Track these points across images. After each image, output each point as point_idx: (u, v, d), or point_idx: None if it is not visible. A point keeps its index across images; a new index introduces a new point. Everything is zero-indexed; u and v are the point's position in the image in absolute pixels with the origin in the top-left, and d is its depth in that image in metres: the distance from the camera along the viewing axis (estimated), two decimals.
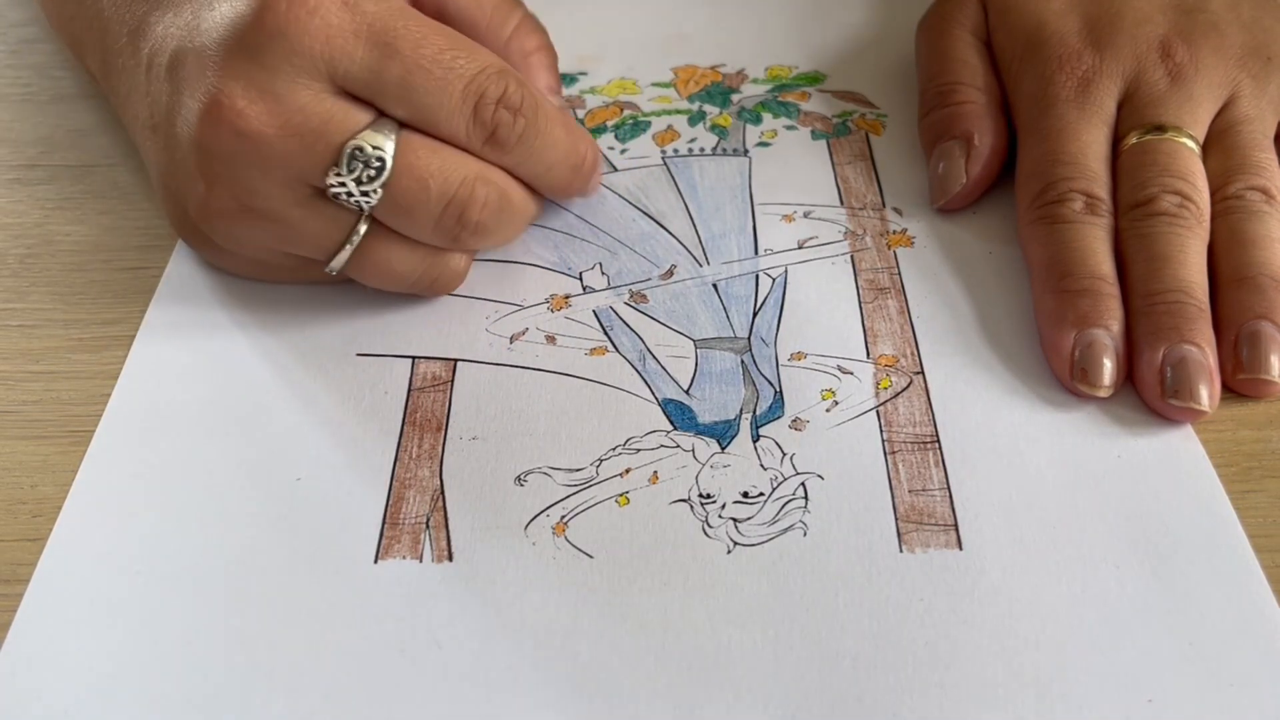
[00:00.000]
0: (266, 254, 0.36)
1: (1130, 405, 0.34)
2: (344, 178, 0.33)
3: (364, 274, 0.36)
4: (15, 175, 0.44)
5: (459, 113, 0.33)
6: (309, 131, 0.32)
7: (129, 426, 0.34)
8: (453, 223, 0.34)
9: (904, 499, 0.32)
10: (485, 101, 0.33)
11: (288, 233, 0.34)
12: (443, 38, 0.33)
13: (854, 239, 0.39)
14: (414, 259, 0.35)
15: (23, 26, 0.52)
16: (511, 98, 0.34)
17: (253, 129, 0.32)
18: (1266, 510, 0.31)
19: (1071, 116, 0.38)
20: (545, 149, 0.35)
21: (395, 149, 0.33)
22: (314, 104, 0.32)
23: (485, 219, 0.34)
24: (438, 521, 0.32)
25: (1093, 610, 0.29)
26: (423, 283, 0.36)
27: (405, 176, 0.33)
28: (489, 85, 0.33)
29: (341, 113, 0.33)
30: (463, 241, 0.35)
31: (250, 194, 0.33)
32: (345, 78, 0.32)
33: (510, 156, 0.35)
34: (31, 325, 0.38)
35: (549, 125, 0.35)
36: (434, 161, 0.33)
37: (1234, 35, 0.39)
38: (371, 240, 0.35)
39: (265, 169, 0.33)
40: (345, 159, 0.32)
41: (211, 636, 0.29)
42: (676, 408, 0.34)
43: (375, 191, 0.33)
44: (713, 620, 0.29)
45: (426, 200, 0.33)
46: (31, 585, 0.30)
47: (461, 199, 0.34)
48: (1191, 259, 0.35)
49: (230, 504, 0.32)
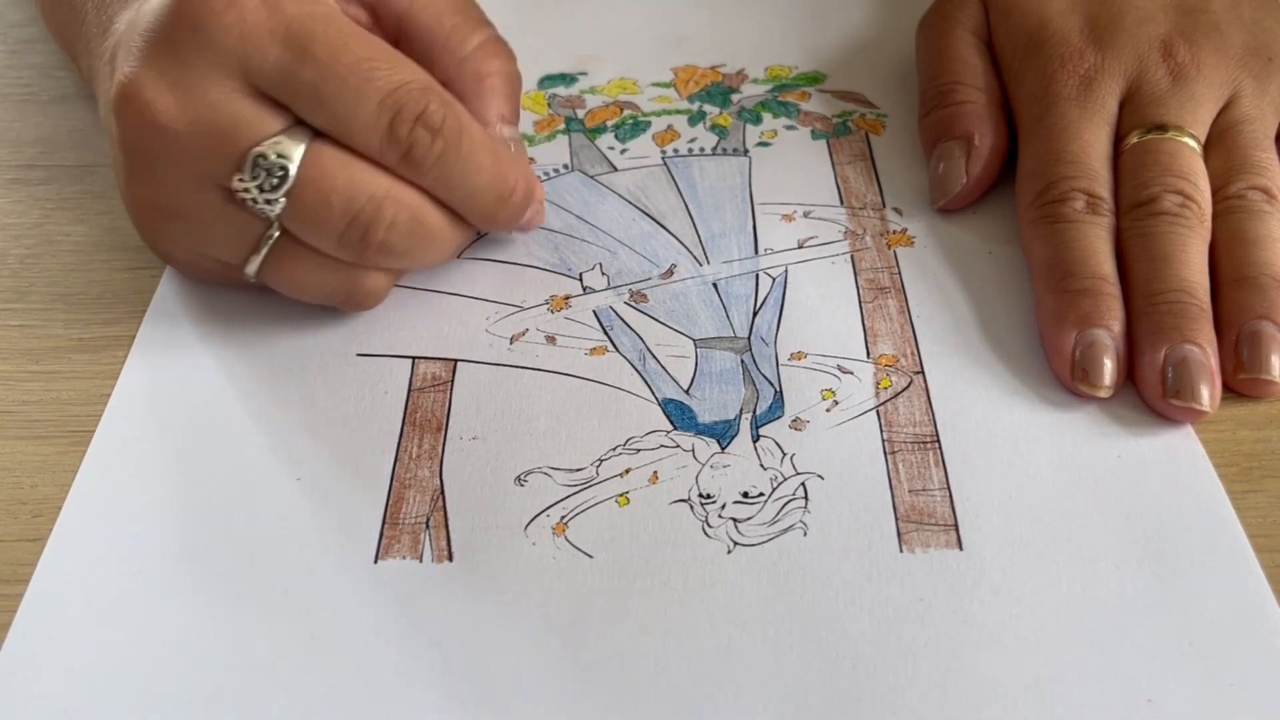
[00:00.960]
0: (191, 255, 0.35)
1: (1131, 405, 0.34)
2: (247, 183, 0.32)
3: (278, 283, 0.35)
4: (15, 175, 0.44)
5: (373, 126, 0.32)
6: (216, 131, 0.32)
7: (129, 426, 0.34)
8: (356, 240, 0.33)
9: (904, 499, 0.32)
10: (402, 117, 0.32)
11: (202, 233, 0.34)
12: (365, 46, 0.32)
13: (854, 239, 0.39)
14: (325, 272, 0.34)
15: (23, 26, 0.52)
16: (431, 116, 0.32)
17: (159, 122, 0.32)
18: (1266, 510, 0.31)
19: (1073, 115, 0.38)
20: (466, 175, 0.34)
21: (302, 159, 0.32)
22: (225, 103, 0.32)
23: (392, 240, 0.33)
24: (438, 521, 0.32)
25: (1093, 610, 0.29)
26: (336, 298, 0.35)
27: (308, 188, 0.32)
28: (407, 100, 0.32)
29: (253, 115, 0.32)
30: (369, 260, 0.34)
31: (163, 190, 0.33)
32: (259, 77, 0.32)
33: (427, 178, 0.33)
34: (31, 325, 0.38)
35: (473, 150, 0.34)
36: (340, 175, 0.32)
37: (1235, 35, 0.39)
38: (283, 249, 0.34)
39: (174, 165, 0.32)
40: (249, 164, 0.32)
41: (211, 636, 0.29)
42: (676, 408, 0.34)
43: (278, 200, 0.32)
44: (713, 620, 0.29)
45: (329, 215, 0.32)
46: (31, 585, 0.30)
47: (366, 217, 0.33)
48: (1193, 259, 0.35)
49: (230, 504, 0.32)
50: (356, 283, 0.35)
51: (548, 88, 0.47)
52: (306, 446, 0.33)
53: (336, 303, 0.36)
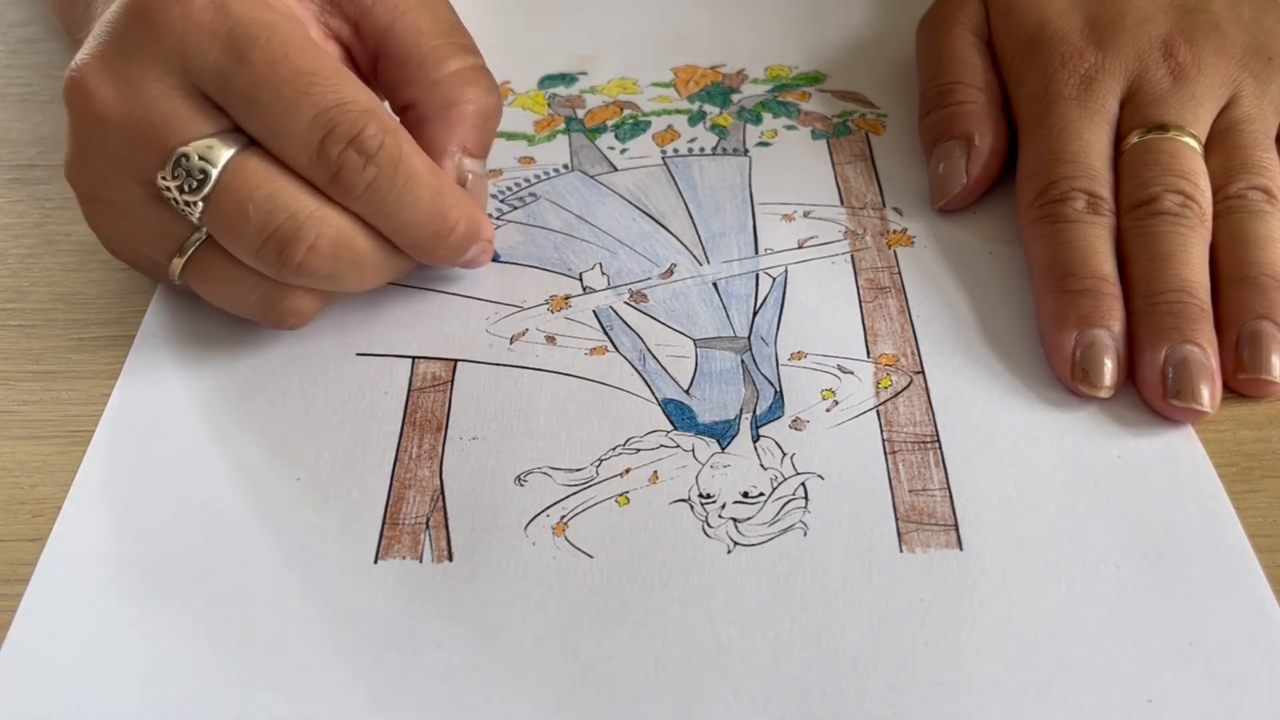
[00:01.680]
0: (128, 252, 0.35)
1: (1131, 405, 0.34)
2: (169, 182, 0.32)
3: (201, 287, 0.34)
4: (15, 175, 0.44)
5: (303, 141, 0.31)
6: (147, 126, 0.31)
7: (129, 426, 0.34)
8: (273, 256, 0.32)
9: (904, 499, 0.32)
10: (333, 137, 0.31)
11: (131, 228, 0.34)
12: (308, 60, 0.31)
13: (854, 238, 0.39)
14: (248, 284, 0.33)
15: (23, 26, 0.52)
16: (367, 141, 0.31)
17: (95, 110, 0.32)
18: (1266, 510, 0.31)
19: (1074, 115, 0.38)
20: (400, 206, 0.32)
21: (225, 165, 0.31)
22: (160, 99, 0.31)
23: (312, 261, 0.32)
24: (438, 521, 0.32)
25: (1093, 610, 0.29)
26: (257, 312, 0.34)
27: (226, 195, 0.31)
28: (342, 120, 0.31)
29: (185, 115, 0.32)
30: (288, 279, 0.33)
31: (98, 179, 0.33)
32: (198, 77, 0.31)
33: (359, 204, 0.32)
34: (31, 325, 0.38)
35: (410, 181, 0.32)
36: (263, 188, 0.31)
37: (1235, 35, 0.39)
38: (206, 255, 0.33)
39: (107, 155, 0.32)
40: (172, 163, 0.31)
41: (211, 636, 0.29)
42: (676, 407, 0.34)
43: (197, 204, 0.32)
44: (713, 620, 0.29)
45: (245, 226, 0.31)
46: (31, 585, 0.30)
47: (284, 234, 0.31)
48: (1193, 259, 0.35)
49: (230, 504, 0.32)
50: (278, 300, 0.34)
51: (548, 88, 0.47)
52: (306, 446, 0.33)
53: (258, 317, 0.35)
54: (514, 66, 0.48)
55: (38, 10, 0.53)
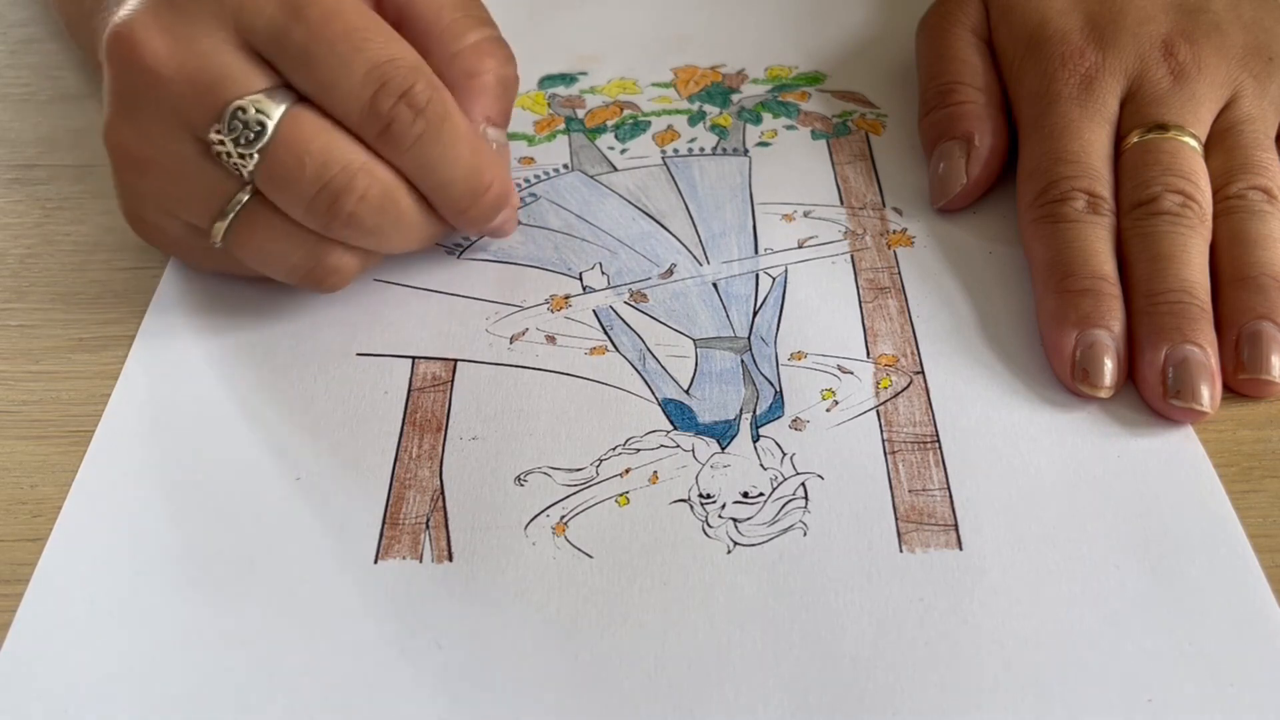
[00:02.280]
0: (163, 219, 0.35)
1: (1131, 405, 0.34)
2: (224, 136, 0.32)
3: (243, 249, 0.35)
4: (15, 175, 0.44)
5: (355, 96, 0.32)
6: (201, 81, 0.32)
7: (129, 426, 0.34)
8: (324, 208, 0.33)
9: (904, 499, 0.32)
10: (386, 91, 0.32)
11: (174, 188, 0.34)
12: (360, 17, 0.32)
13: (854, 238, 0.39)
14: (292, 242, 0.34)
15: (23, 26, 0.52)
16: (417, 96, 0.32)
17: (147, 64, 0.32)
18: (1266, 510, 0.31)
19: (1074, 114, 0.38)
20: (444, 162, 0.34)
21: (281, 117, 0.32)
22: (214, 54, 0.32)
23: (361, 212, 0.33)
24: (438, 521, 0.32)
25: (1093, 610, 0.29)
26: (300, 271, 0.35)
27: (282, 147, 0.32)
28: (394, 75, 0.32)
29: (240, 70, 0.32)
30: (336, 232, 0.33)
31: (142, 136, 0.33)
32: (251, 33, 0.32)
33: (405, 158, 0.33)
34: (31, 325, 0.38)
35: (454, 138, 0.33)
36: (318, 140, 0.32)
37: (1236, 35, 0.39)
38: (251, 214, 0.34)
39: (155, 110, 0.32)
40: (228, 117, 0.32)
41: (212, 636, 0.29)
42: (676, 407, 0.34)
43: (251, 156, 0.32)
44: (713, 620, 0.29)
45: (301, 177, 0.32)
46: (31, 585, 0.30)
47: (338, 185, 0.32)
48: (1194, 259, 0.35)
49: (230, 504, 0.32)
50: (322, 257, 0.34)
51: (548, 88, 0.47)
52: (306, 446, 0.33)
53: (299, 278, 0.35)
54: None
55: (37, 10, 0.53)
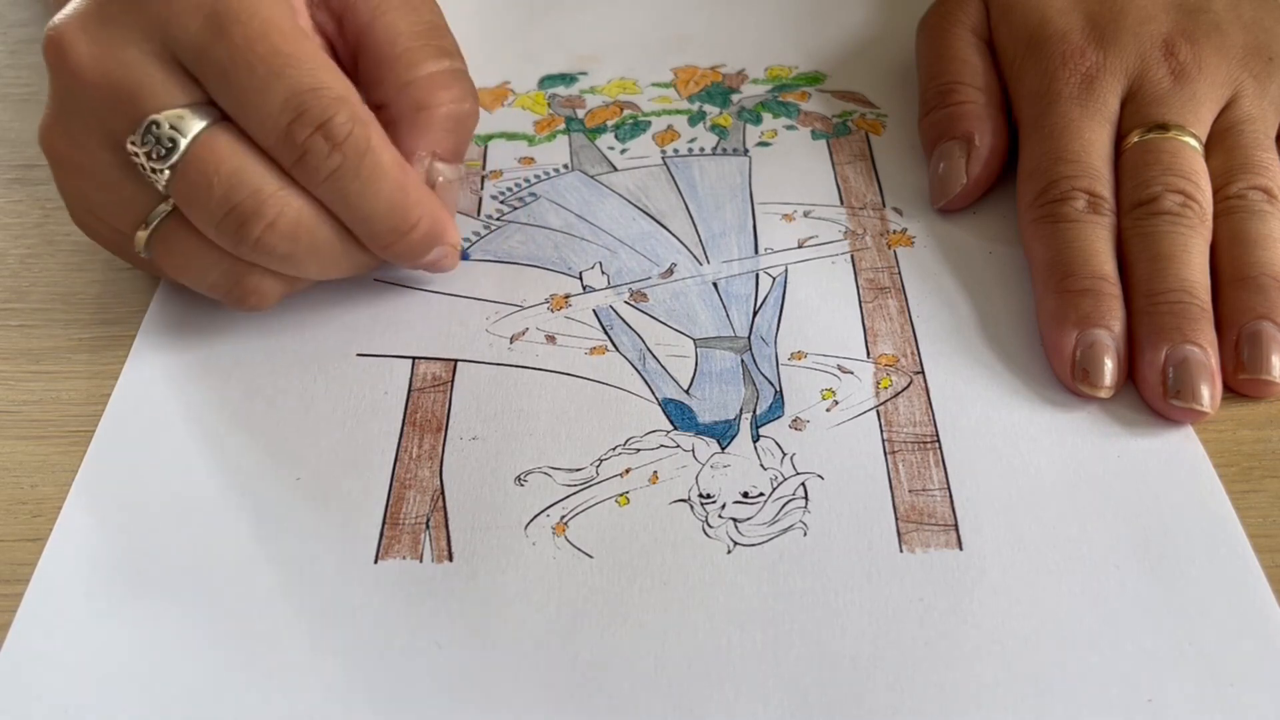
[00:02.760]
0: (96, 224, 0.35)
1: (1131, 405, 0.34)
2: (138, 148, 0.32)
3: (164, 260, 0.34)
4: (15, 175, 0.44)
5: (272, 122, 0.31)
6: (122, 89, 0.32)
7: (129, 426, 0.34)
8: (233, 231, 0.32)
9: (904, 499, 0.32)
10: (302, 121, 0.31)
11: (100, 195, 0.34)
12: (288, 42, 0.32)
13: (854, 238, 0.39)
14: (210, 259, 0.34)
15: (23, 27, 0.52)
16: (335, 129, 0.31)
17: (71, 68, 0.32)
18: (1266, 510, 0.31)
19: (1074, 114, 0.38)
20: (362, 197, 0.33)
21: (195, 137, 0.32)
22: (137, 64, 0.32)
23: (269, 239, 0.32)
24: (438, 521, 0.32)
25: (1093, 610, 0.29)
26: (219, 290, 0.34)
27: (192, 166, 0.32)
28: (313, 105, 0.31)
29: (161, 83, 0.32)
30: (248, 256, 0.33)
31: (70, 140, 0.33)
32: (176, 46, 0.32)
33: (320, 190, 0.32)
34: (31, 325, 0.38)
35: (374, 174, 0.32)
36: (230, 162, 0.32)
37: (1236, 35, 0.39)
38: (172, 227, 0.33)
39: (80, 115, 0.32)
40: (143, 130, 0.32)
41: (212, 636, 0.29)
42: (676, 407, 0.34)
43: (163, 171, 0.32)
44: (713, 620, 0.29)
45: (209, 198, 0.32)
46: (31, 585, 0.30)
47: (245, 210, 0.32)
48: (1194, 259, 0.35)
49: (230, 504, 0.32)
50: (239, 278, 0.34)
51: (548, 88, 0.47)
52: (306, 446, 0.33)
53: (219, 295, 0.35)
54: (514, 66, 0.48)
55: (37, 10, 0.53)
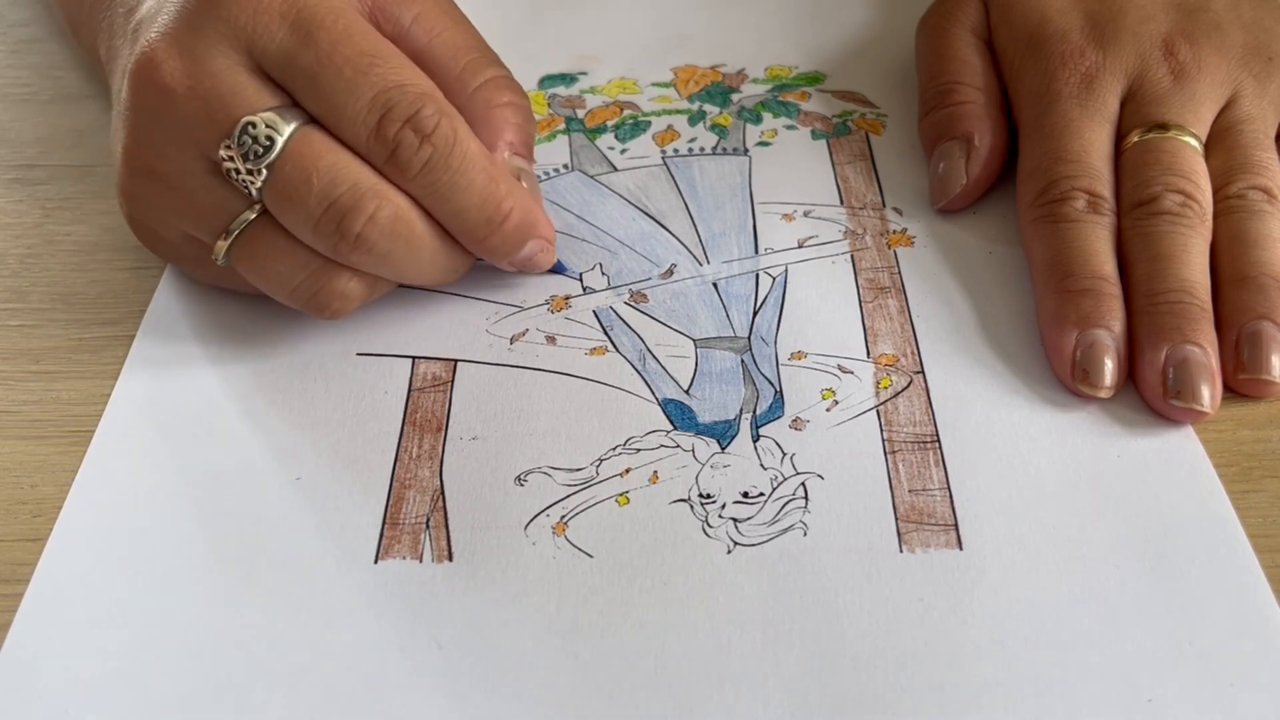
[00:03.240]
0: (167, 230, 0.35)
1: (1131, 405, 0.34)
2: (233, 152, 0.32)
3: (247, 266, 0.34)
4: (15, 175, 0.44)
5: (362, 120, 0.32)
6: (214, 98, 0.32)
7: (129, 426, 0.34)
8: (331, 228, 0.32)
9: (904, 499, 0.32)
10: (391, 116, 0.32)
11: (182, 203, 0.34)
12: (370, 43, 0.33)
13: (854, 238, 0.39)
14: (296, 262, 0.34)
15: (23, 26, 0.52)
16: (424, 121, 0.32)
17: (164, 83, 0.32)
18: (1266, 510, 0.31)
19: (1074, 114, 0.38)
20: (454, 189, 0.33)
21: (291, 135, 0.32)
22: (227, 73, 0.32)
23: (370, 235, 0.32)
24: (438, 521, 0.32)
25: (1093, 610, 0.29)
26: (303, 293, 0.34)
27: (291, 164, 0.32)
28: (400, 100, 0.32)
29: (251, 89, 0.33)
30: (344, 254, 0.33)
31: (156, 153, 0.33)
32: (263, 56, 0.33)
33: (414, 184, 0.33)
34: (31, 325, 0.38)
35: (465, 165, 0.33)
36: (327, 158, 0.32)
37: (1236, 35, 0.39)
38: (258, 230, 0.34)
39: (171, 127, 0.33)
40: (237, 133, 0.32)
41: (211, 636, 0.29)
42: (676, 407, 0.34)
43: (260, 172, 0.32)
44: (713, 620, 0.29)
45: (308, 194, 0.32)
46: (31, 585, 0.30)
47: (344, 205, 0.32)
48: (1194, 258, 0.35)
49: (230, 504, 0.32)
50: (327, 280, 0.34)
51: (548, 88, 0.47)
52: (306, 446, 0.33)
53: (302, 301, 0.35)
54: (514, 66, 0.47)
55: (37, 10, 0.53)
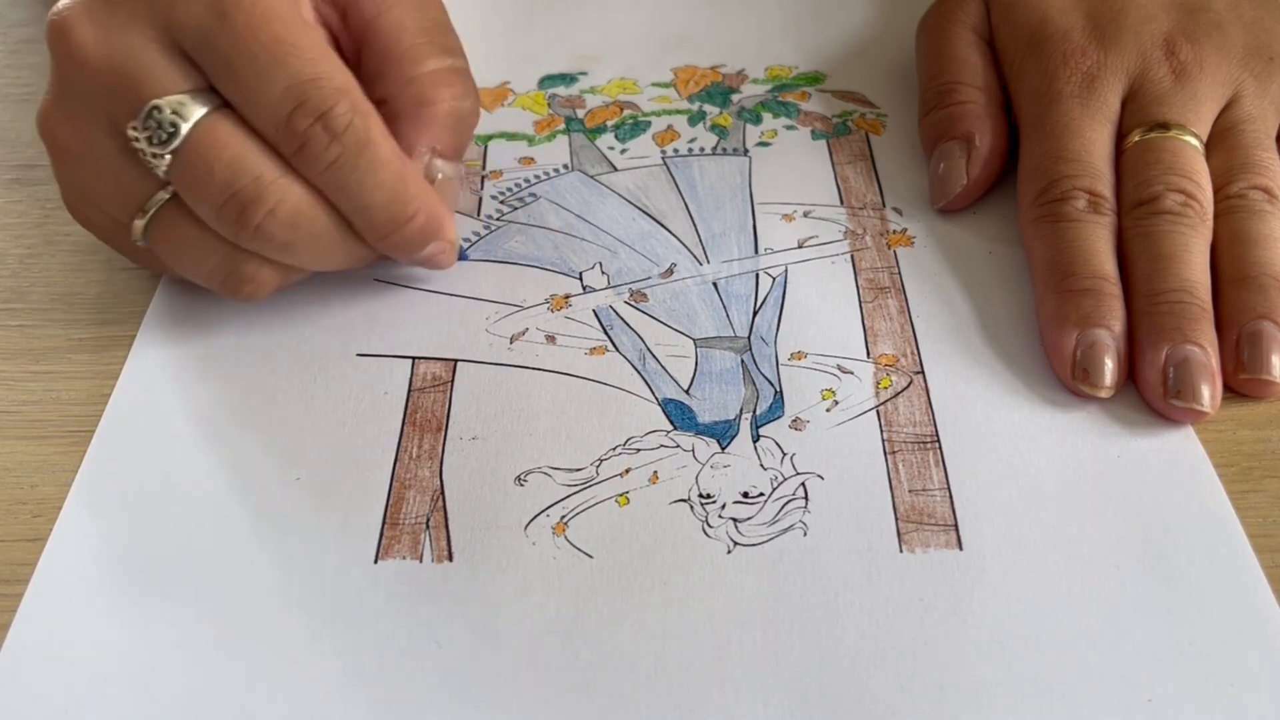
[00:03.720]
0: (91, 211, 0.35)
1: (1131, 405, 0.34)
2: (138, 133, 0.32)
3: (162, 249, 0.34)
4: (15, 175, 0.44)
5: (273, 111, 0.32)
6: (124, 74, 0.32)
7: (129, 426, 0.34)
8: (233, 217, 0.32)
9: (904, 499, 0.32)
10: (303, 111, 0.32)
11: (98, 181, 0.34)
12: (290, 31, 0.32)
13: (854, 238, 0.39)
14: (207, 247, 0.34)
15: (23, 26, 0.52)
16: (335, 119, 0.32)
17: (75, 53, 0.32)
18: (1266, 510, 0.31)
19: (1075, 113, 0.38)
20: (361, 188, 0.33)
21: (197, 122, 0.32)
22: (140, 49, 0.32)
23: (270, 226, 0.32)
24: (438, 521, 0.32)
25: (1093, 610, 0.29)
26: (216, 277, 0.34)
27: (194, 152, 0.32)
28: (314, 95, 0.32)
29: (163, 68, 0.32)
30: (247, 243, 0.33)
31: (70, 125, 0.33)
32: (180, 33, 0.32)
33: (320, 179, 0.33)
34: (31, 325, 0.38)
35: (373, 165, 0.33)
36: (231, 148, 0.32)
37: (1237, 35, 0.39)
38: (170, 214, 0.34)
39: (81, 100, 0.33)
40: (144, 115, 0.32)
41: (211, 636, 0.29)
42: (676, 407, 0.34)
43: (164, 157, 0.32)
44: (713, 620, 0.29)
45: (210, 183, 0.32)
46: (31, 585, 0.30)
47: (246, 196, 0.32)
48: (1195, 258, 0.35)
49: (230, 504, 0.32)
50: (236, 266, 0.34)
51: (548, 88, 0.47)
52: (306, 446, 0.33)
53: (215, 284, 0.35)
54: (514, 66, 0.48)
55: (38, 10, 0.53)
